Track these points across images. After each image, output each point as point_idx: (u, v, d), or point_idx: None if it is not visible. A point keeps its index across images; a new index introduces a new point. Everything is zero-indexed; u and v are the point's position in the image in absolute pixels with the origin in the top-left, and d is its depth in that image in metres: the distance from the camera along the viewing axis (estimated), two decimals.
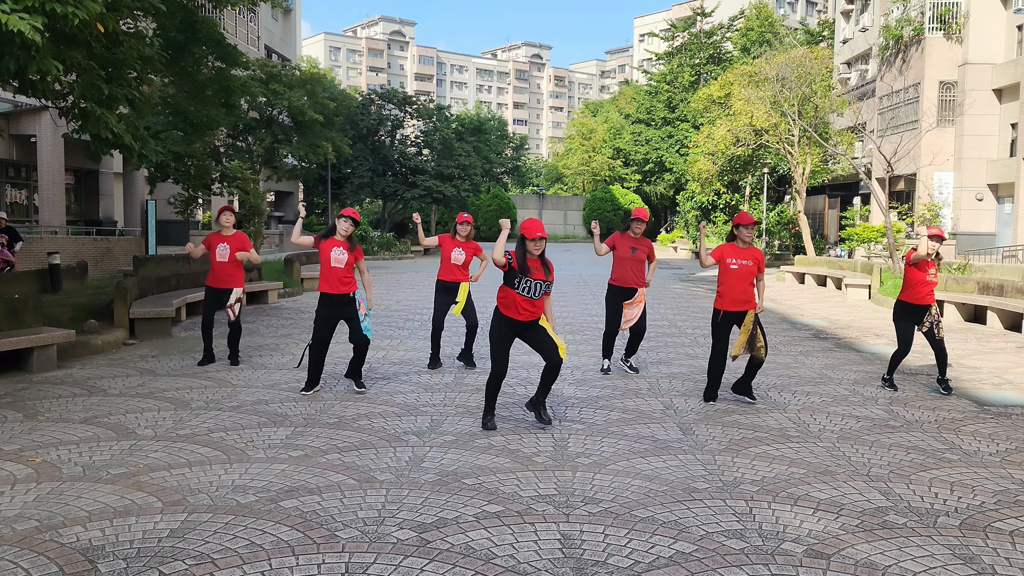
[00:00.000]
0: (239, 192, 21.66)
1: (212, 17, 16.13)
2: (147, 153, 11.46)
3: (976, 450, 6.03)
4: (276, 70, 29.65)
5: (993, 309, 13.52)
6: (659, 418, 6.91)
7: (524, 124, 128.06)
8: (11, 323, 9.19)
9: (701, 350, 10.69)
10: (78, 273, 16.89)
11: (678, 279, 24.64)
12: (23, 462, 5.49)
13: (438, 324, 9.00)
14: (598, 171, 60.95)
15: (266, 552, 4.04)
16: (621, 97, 69.39)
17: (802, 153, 29.99)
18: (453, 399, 7.56)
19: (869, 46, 35.40)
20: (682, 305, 16.62)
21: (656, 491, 5.01)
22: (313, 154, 32.12)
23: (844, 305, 17.07)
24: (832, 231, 37.57)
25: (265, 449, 5.84)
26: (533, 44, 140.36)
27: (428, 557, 3.99)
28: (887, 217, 22.55)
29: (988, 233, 27.97)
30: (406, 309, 15.09)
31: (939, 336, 8.02)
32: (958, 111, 28.22)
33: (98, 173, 27.94)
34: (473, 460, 5.61)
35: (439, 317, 8.97)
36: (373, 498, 4.82)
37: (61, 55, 8.66)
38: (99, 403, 7.29)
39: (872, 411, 7.27)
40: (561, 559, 4.00)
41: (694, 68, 53.08)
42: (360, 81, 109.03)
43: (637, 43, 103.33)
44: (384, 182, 43.62)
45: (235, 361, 9.28)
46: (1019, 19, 26.86)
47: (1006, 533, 4.40)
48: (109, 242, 23.32)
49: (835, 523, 4.52)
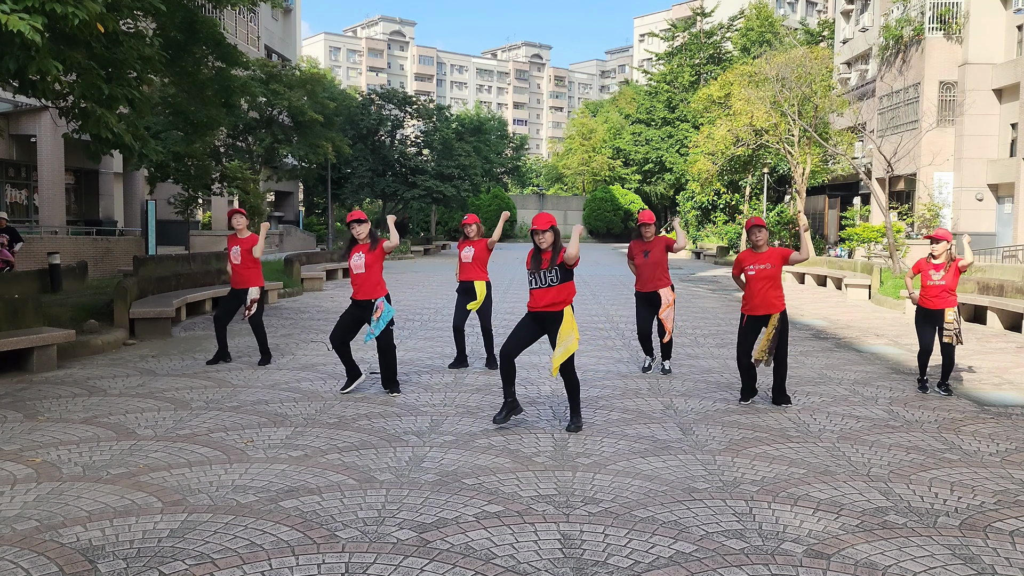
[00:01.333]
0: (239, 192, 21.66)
1: (212, 17, 16.12)
2: (147, 153, 11.46)
3: (976, 450, 6.03)
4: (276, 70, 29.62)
5: (993, 309, 13.52)
6: (659, 418, 6.91)
7: (524, 124, 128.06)
8: (11, 323, 9.20)
9: (701, 350, 10.70)
10: (78, 273, 16.89)
11: (678, 279, 24.63)
12: (23, 462, 5.49)
13: (456, 326, 9.04)
14: (598, 171, 60.99)
15: (266, 552, 4.04)
16: (621, 97, 69.45)
17: (802, 153, 29.99)
18: (453, 399, 7.56)
19: (869, 46, 35.40)
20: (682, 305, 16.61)
21: (656, 491, 5.01)
22: (313, 154, 32.10)
23: (844, 305, 17.07)
24: (832, 231, 37.57)
25: (265, 449, 5.84)
26: (533, 44, 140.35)
27: (428, 557, 3.99)
28: (887, 217, 22.55)
29: (988, 233, 27.96)
30: (406, 309, 15.08)
31: (944, 341, 7.95)
32: (958, 111, 28.22)
33: (98, 173, 27.94)
34: (473, 460, 5.61)
35: (457, 319, 9.02)
36: (373, 498, 4.82)
37: (61, 55, 8.65)
38: (99, 403, 7.29)
39: (872, 411, 7.27)
40: (561, 559, 4.00)
41: (694, 68, 53.09)
42: (360, 81, 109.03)
43: (637, 43, 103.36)
44: (384, 182, 43.60)
45: (266, 360, 9.33)
46: (1019, 19, 26.85)
47: (1006, 533, 4.40)
48: (109, 242, 23.32)
49: (835, 523, 4.51)
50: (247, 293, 9.19)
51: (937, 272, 7.96)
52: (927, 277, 8.02)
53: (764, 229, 7.36)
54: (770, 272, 7.25)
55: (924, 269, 8.09)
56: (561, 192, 70.35)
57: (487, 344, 9.13)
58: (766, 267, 7.25)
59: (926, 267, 8.08)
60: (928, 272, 8.03)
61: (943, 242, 7.95)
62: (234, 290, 9.30)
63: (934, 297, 7.99)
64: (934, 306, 8.00)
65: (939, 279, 7.94)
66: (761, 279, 7.27)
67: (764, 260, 7.28)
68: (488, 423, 6.64)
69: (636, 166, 57.42)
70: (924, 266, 8.11)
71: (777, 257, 7.29)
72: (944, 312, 7.96)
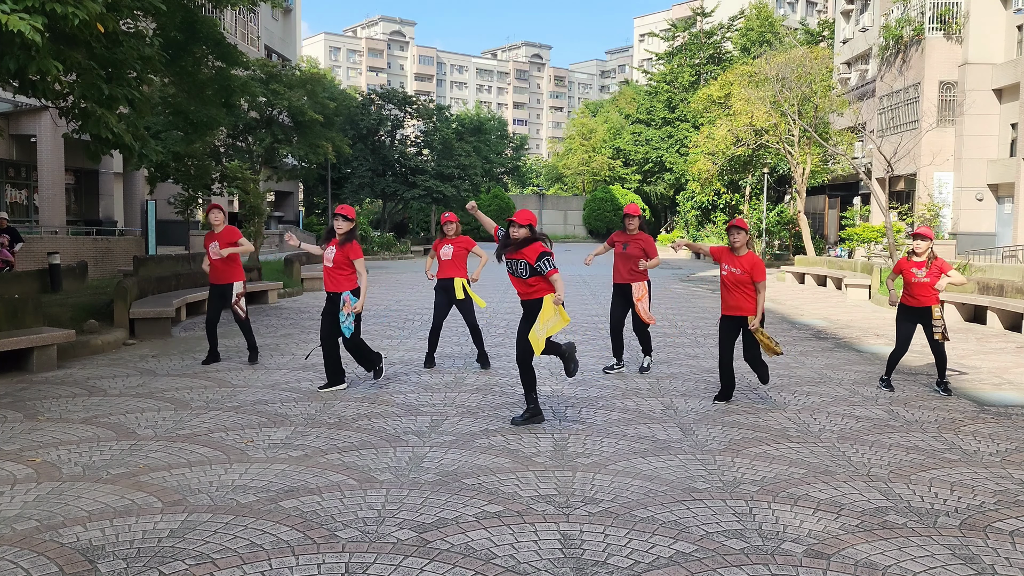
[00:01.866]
0: (239, 192, 21.64)
1: (212, 17, 16.11)
2: (147, 153, 11.46)
3: (976, 450, 6.03)
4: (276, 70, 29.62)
5: (993, 309, 13.52)
6: (659, 418, 6.91)
7: (524, 124, 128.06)
8: (11, 323, 9.20)
9: (701, 350, 10.70)
10: (78, 273, 16.89)
11: (678, 279, 24.64)
12: (23, 462, 5.49)
13: (434, 324, 9.16)
14: (598, 171, 60.95)
15: (266, 552, 4.04)
16: (621, 97, 69.40)
17: (802, 153, 29.99)
18: (453, 399, 7.56)
19: (869, 46, 35.40)
20: (682, 305, 16.62)
21: (656, 491, 5.01)
22: (313, 154, 32.10)
23: (844, 305, 17.07)
24: (832, 231, 37.57)
25: (265, 449, 5.84)
26: (533, 44, 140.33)
27: (428, 557, 3.99)
28: (887, 217, 22.55)
29: (988, 233, 27.96)
30: (406, 309, 15.09)
31: (935, 339, 7.95)
32: (958, 111, 28.22)
33: (98, 173, 27.93)
34: (473, 460, 5.61)
35: (436, 317, 9.13)
36: (373, 498, 4.82)
37: (61, 55, 8.65)
38: (99, 403, 7.29)
39: (872, 411, 7.27)
40: (561, 559, 4.00)
41: (694, 68, 53.09)
42: (360, 81, 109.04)
43: (637, 43, 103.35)
44: (384, 182, 43.60)
45: (254, 359, 9.34)
46: (1019, 19, 26.85)
47: (1006, 533, 4.40)
48: (109, 242, 23.32)
49: (835, 523, 4.51)
50: (230, 288, 9.19)
51: (920, 270, 7.91)
52: (910, 276, 7.98)
53: (743, 232, 7.28)
54: (741, 278, 7.24)
55: (906, 268, 8.03)
56: (561, 192, 70.33)
57: (476, 340, 9.17)
58: (737, 272, 7.25)
59: (908, 265, 8.02)
60: (911, 271, 7.98)
61: (927, 240, 7.93)
62: (214, 286, 9.28)
63: (919, 295, 7.96)
64: (919, 304, 7.99)
65: (923, 276, 7.89)
66: (732, 281, 7.29)
67: (738, 264, 7.27)
68: (488, 423, 6.65)
69: (636, 166, 57.40)
70: (906, 265, 8.05)
71: (751, 266, 7.20)
72: (932, 309, 7.94)
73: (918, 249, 7.94)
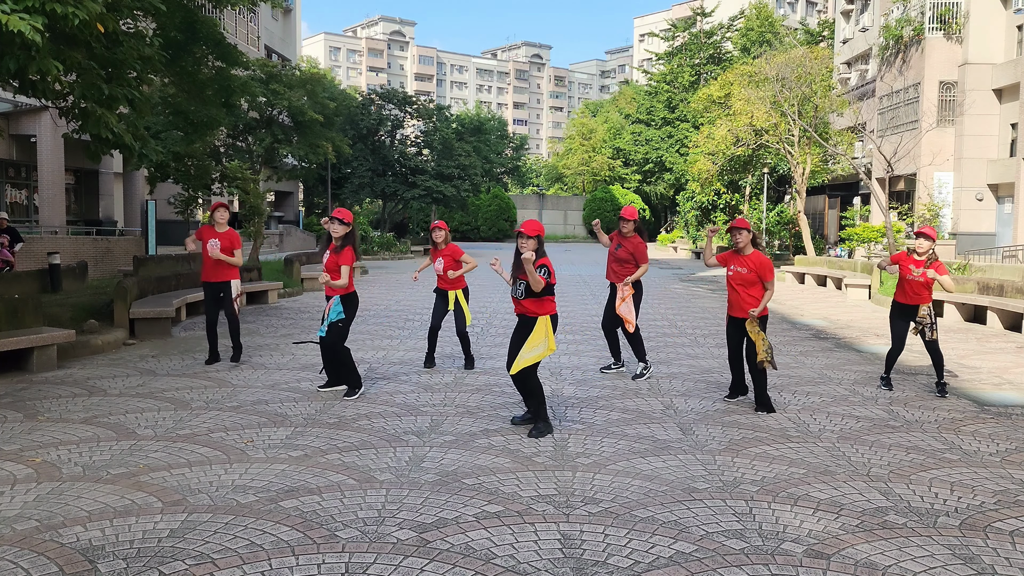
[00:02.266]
0: (239, 192, 21.63)
1: (212, 17, 16.10)
2: (147, 153, 11.45)
3: (976, 450, 6.03)
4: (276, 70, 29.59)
5: (993, 309, 13.51)
6: (659, 418, 6.91)
7: (524, 124, 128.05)
8: (11, 323, 9.20)
9: (701, 350, 10.70)
10: (78, 273, 16.89)
11: (678, 279, 24.63)
12: (23, 462, 5.49)
13: (433, 325, 9.25)
14: (598, 171, 60.99)
15: (266, 552, 4.04)
16: (621, 97, 69.46)
17: (802, 153, 29.98)
18: (453, 399, 7.56)
19: (869, 46, 35.40)
20: (682, 305, 16.62)
21: (656, 491, 5.01)
22: (313, 154, 32.07)
23: (844, 305, 17.07)
24: (832, 231, 37.56)
25: (265, 449, 5.84)
26: (533, 44, 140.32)
27: (428, 557, 3.99)
28: (887, 217, 22.55)
29: (988, 233, 27.96)
30: (406, 309, 15.08)
31: (929, 338, 7.93)
32: (958, 111, 28.22)
33: (98, 173, 27.93)
34: (473, 460, 5.61)
35: (435, 318, 9.23)
36: (373, 498, 4.82)
37: (61, 55, 8.65)
38: (99, 403, 7.29)
39: (872, 411, 7.27)
40: (561, 559, 4.00)
41: (694, 68, 53.10)
42: (360, 81, 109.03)
43: (637, 43, 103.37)
44: (384, 182, 43.57)
45: (237, 358, 9.31)
46: (1019, 19, 26.85)
47: (1006, 533, 4.40)
48: (109, 242, 23.32)
49: (835, 523, 4.51)
50: (227, 287, 9.16)
51: (917, 268, 7.89)
52: (907, 271, 7.96)
53: (744, 232, 7.19)
54: (747, 277, 7.17)
55: (904, 262, 8.00)
56: (561, 192, 70.34)
57: (464, 347, 9.25)
58: (743, 271, 7.20)
59: (906, 260, 7.99)
60: (908, 267, 7.95)
61: (929, 240, 7.90)
62: (208, 286, 9.20)
63: (912, 292, 7.96)
64: (911, 301, 7.98)
65: (918, 274, 7.88)
66: (737, 281, 7.23)
67: (743, 264, 7.22)
68: (488, 423, 6.65)
69: (636, 166, 57.41)
70: (904, 259, 8.02)
71: (758, 265, 7.15)
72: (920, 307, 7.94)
73: (920, 248, 7.92)
